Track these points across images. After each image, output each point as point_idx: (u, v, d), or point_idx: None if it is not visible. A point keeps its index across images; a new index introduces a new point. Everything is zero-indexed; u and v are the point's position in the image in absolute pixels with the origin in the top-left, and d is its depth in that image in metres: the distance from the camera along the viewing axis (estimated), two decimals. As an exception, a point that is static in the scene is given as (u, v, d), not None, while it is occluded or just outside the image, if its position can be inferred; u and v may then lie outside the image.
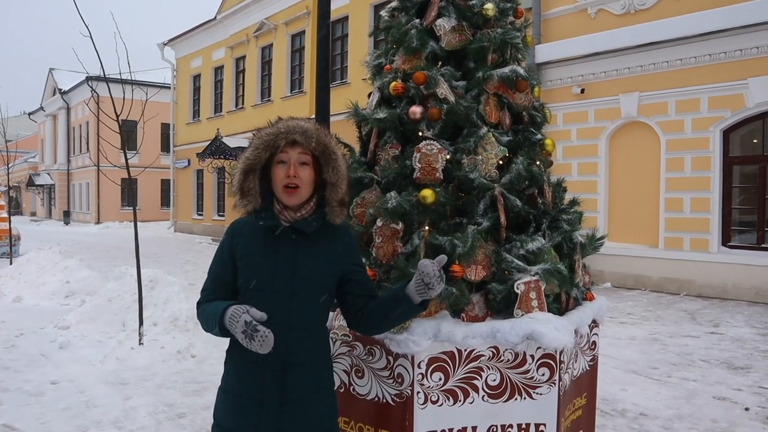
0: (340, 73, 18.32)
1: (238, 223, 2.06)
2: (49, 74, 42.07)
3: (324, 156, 1.98)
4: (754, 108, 9.59)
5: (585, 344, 2.95)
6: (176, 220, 27.92)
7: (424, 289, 1.84)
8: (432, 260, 1.85)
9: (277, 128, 1.96)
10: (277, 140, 1.93)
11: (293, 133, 1.93)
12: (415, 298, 1.88)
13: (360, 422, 2.58)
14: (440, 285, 1.83)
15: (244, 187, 1.97)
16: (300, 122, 1.98)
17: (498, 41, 2.83)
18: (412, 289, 1.87)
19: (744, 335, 7.22)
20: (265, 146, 1.95)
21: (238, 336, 1.76)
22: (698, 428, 4.29)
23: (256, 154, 1.95)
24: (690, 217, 10.30)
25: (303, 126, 1.96)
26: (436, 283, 1.82)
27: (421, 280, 1.84)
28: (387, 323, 2.08)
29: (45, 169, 44.83)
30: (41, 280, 9.99)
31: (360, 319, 2.06)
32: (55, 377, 5.37)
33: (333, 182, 1.98)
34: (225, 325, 1.80)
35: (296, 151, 1.94)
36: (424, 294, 1.85)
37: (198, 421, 4.37)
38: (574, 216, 3.00)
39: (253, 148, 1.96)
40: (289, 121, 1.98)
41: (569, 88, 11.81)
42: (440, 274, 1.82)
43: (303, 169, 1.94)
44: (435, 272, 1.81)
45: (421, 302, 1.90)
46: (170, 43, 27.28)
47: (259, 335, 1.73)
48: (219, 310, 1.84)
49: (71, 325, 6.97)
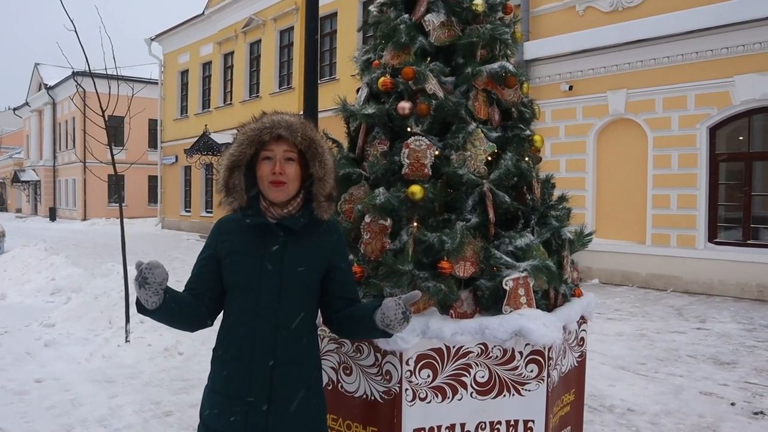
0: (329, 69, 18.27)
1: (225, 220, 2.02)
2: (34, 69, 41.59)
3: (310, 150, 1.94)
4: (740, 105, 9.67)
5: (573, 340, 2.96)
6: (164, 217, 27.73)
7: (385, 327, 1.83)
8: (399, 299, 1.80)
9: (261, 123, 1.91)
10: (261, 135, 1.89)
11: (278, 127, 1.89)
12: (378, 325, 1.85)
13: (348, 420, 2.56)
14: (402, 326, 1.80)
15: (229, 184, 1.93)
16: (285, 117, 1.94)
17: (487, 37, 2.82)
18: (378, 317, 1.84)
19: (730, 331, 7.28)
20: (249, 142, 1.90)
21: (137, 292, 1.71)
22: (685, 423, 4.32)
23: (241, 150, 1.91)
24: (677, 213, 10.37)
25: (288, 120, 1.92)
26: (398, 325, 1.80)
27: (382, 318, 1.82)
28: (356, 335, 2.10)
29: (30, 165, 44.34)
30: (26, 277, 9.89)
31: (334, 320, 2.03)
32: (40, 375, 5.31)
33: (320, 177, 1.94)
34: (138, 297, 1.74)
35: (282, 147, 1.90)
36: (386, 328, 1.83)
37: (185, 419, 4.34)
38: (562, 212, 3.00)
39: (238, 144, 1.92)
40: (273, 116, 1.93)
41: (557, 85, 11.84)
42: (403, 317, 1.79)
43: (289, 164, 1.90)
44: (398, 315, 1.78)
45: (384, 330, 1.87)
46: (158, 39, 27.03)
47: (142, 271, 1.68)
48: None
49: (57, 322, 6.90)
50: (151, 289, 1.69)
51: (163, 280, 1.71)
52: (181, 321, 1.90)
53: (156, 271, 1.69)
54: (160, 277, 1.70)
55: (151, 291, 1.70)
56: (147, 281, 1.68)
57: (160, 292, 1.72)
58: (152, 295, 1.70)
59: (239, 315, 1.75)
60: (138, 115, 8.10)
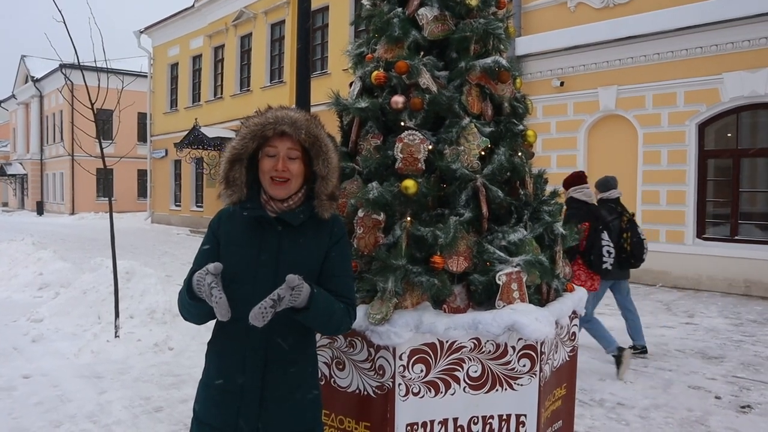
0: (320, 63, 18.19)
1: (225, 211, 2.00)
2: (21, 61, 41.06)
3: (314, 148, 1.90)
4: (729, 102, 9.75)
5: (565, 335, 2.97)
6: (153, 211, 27.54)
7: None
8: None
9: (265, 118, 1.88)
10: (265, 131, 1.87)
11: (282, 124, 1.86)
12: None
13: (341, 415, 2.56)
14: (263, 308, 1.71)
15: (229, 176, 1.91)
16: (289, 112, 1.90)
17: (480, 31, 2.81)
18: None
19: (718, 326, 7.35)
20: (252, 136, 1.88)
21: (207, 300, 1.73)
22: (674, 417, 4.36)
23: (243, 144, 1.89)
24: (666, 209, 10.44)
25: (292, 117, 1.88)
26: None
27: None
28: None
29: (17, 159, 43.86)
30: (13, 272, 9.78)
31: None
32: (28, 371, 5.26)
33: (323, 175, 1.92)
34: (194, 291, 1.75)
35: (285, 144, 1.87)
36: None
37: (175, 415, 4.31)
38: (555, 207, 3.00)
39: (240, 138, 1.89)
40: (278, 111, 1.90)
41: (549, 80, 11.87)
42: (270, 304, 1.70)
43: (292, 162, 1.88)
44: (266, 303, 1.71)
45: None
46: (147, 31, 26.79)
47: (213, 299, 1.69)
48: (187, 279, 1.82)
49: (45, 317, 6.83)
50: (223, 301, 1.71)
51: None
52: (210, 316, 1.86)
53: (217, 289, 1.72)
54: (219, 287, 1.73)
55: (224, 301, 1.71)
56: (220, 299, 1.70)
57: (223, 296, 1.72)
58: (216, 306, 1.71)
59: (234, 308, 1.73)
60: (127, 108, 8.03)
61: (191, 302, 1.81)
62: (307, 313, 1.78)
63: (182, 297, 1.87)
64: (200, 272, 1.75)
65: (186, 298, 1.83)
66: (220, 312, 1.70)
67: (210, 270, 1.73)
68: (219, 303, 1.69)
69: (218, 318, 1.73)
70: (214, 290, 1.71)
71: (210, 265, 1.74)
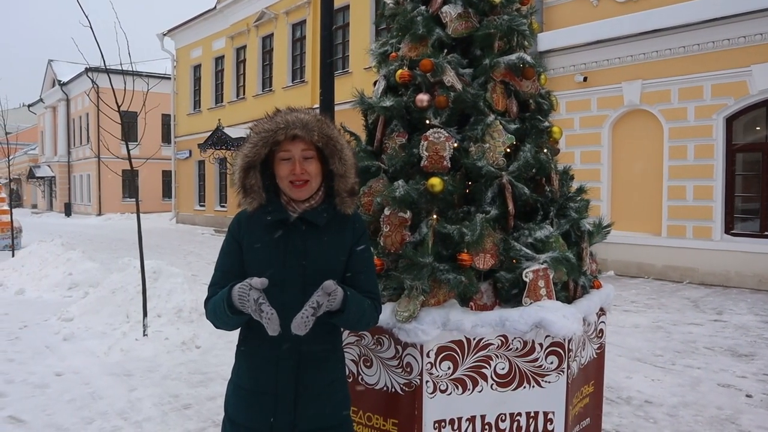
0: (342, 62, 18.24)
1: (244, 213, 1.98)
2: (48, 66, 41.89)
3: (328, 147, 1.90)
4: (758, 95, 9.54)
5: (593, 332, 2.94)
6: (178, 212, 27.90)
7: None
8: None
9: (275, 123, 1.86)
10: (276, 136, 1.85)
11: (293, 127, 1.84)
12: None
13: (369, 412, 2.58)
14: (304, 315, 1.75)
15: (245, 184, 1.90)
16: (299, 114, 1.88)
17: (504, 28, 2.80)
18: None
19: (747, 323, 7.22)
20: (264, 142, 1.86)
21: (253, 315, 1.73)
22: (703, 415, 4.30)
23: (255, 150, 1.87)
24: (693, 205, 10.27)
25: (303, 119, 1.86)
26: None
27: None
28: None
29: (45, 161, 44.78)
30: (44, 273, 10.00)
31: None
32: (60, 369, 5.38)
33: (341, 173, 1.91)
34: (236, 306, 1.76)
35: (299, 147, 1.86)
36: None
37: (204, 412, 4.38)
38: (581, 204, 2.98)
39: (252, 145, 1.87)
40: (288, 114, 1.88)
41: (572, 76, 11.75)
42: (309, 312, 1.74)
43: (309, 163, 1.87)
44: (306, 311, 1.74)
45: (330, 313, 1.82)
46: (170, 34, 27.13)
47: (264, 316, 1.70)
48: (225, 293, 1.80)
49: (75, 316, 6.97)
50: (275, 316, 1.72)
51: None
52: (242, 323, 1.90)
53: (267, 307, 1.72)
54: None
55: (275, 317, 1.72)
56: (272, 315, 1.71)
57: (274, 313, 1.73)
58: (268, 322, 1.72)
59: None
60: (152, 110, 8.15)
61: (231, 316, 1.80)
62: (341, 315, 1.82)
63: (217, 308, 1.84)
64: (242, 287, 1.73)
65: (226, 311, 1.79)
66: (271, 327, 1.71)
67: (254, 285, 1.72)
68: (271, 319, 1.70)
69: (269, 333, 1.72)
70: (264, 306, 1.70)
71: (254, 280, 1.73)
